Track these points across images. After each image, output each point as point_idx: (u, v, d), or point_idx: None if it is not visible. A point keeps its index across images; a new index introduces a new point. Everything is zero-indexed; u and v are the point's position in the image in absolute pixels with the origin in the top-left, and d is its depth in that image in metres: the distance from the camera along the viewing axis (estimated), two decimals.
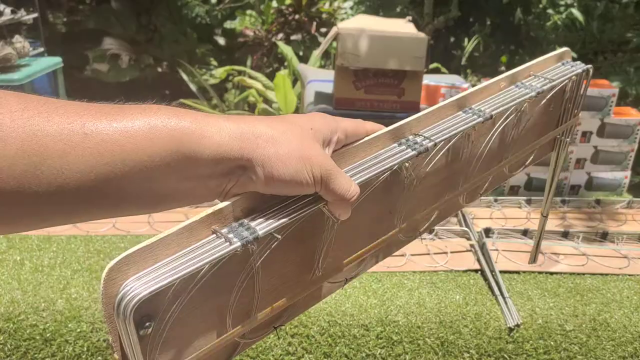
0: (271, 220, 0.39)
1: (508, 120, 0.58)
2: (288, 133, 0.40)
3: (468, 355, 1.06)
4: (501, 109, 0.56)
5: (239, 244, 0.37)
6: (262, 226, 0.39)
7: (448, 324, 1.07)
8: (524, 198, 1.59)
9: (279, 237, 0.40)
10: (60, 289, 1.10)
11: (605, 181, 1.75)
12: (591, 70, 0.65)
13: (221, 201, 0.40)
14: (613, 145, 1.73)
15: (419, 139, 0.50)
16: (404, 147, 0.49)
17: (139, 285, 0.34)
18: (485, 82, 0.58)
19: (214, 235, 0.38)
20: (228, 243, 0.37)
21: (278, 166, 0.38)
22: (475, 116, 0.53)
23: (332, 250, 0.47)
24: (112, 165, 0.34)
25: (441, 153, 0.52)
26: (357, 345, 1.06)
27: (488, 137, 0.57)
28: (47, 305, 1.06)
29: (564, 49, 0.66)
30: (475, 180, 0.59)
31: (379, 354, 1.06)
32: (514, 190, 1.72)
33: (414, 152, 0.48)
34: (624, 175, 1.76)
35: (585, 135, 1.73)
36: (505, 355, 1.06)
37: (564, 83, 0.62)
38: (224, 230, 0.38)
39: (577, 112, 0.67)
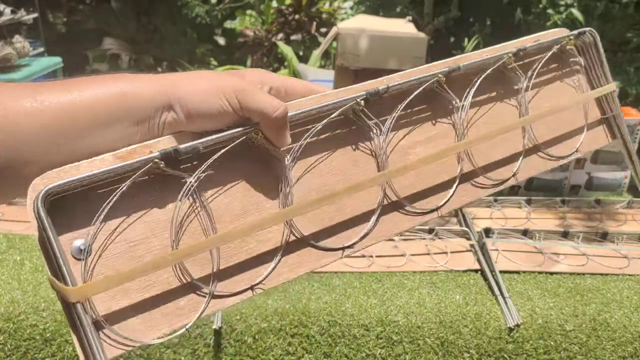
0: (198, 142, 0.42)
1: (486, 73, 0.55)
2: (205, 74, 0.43)
3: (468, 355, 1.06)
4: (473, 62, 0.54)
5: (157, 153, 0.40)
6: (186, 145, 0.41)
7: (448, 324, 1.07)
8: (524, 198, 1.59)
9: (201, 148, 0.41)
10: None
11: (605, 181, 1.75)
12: (595, 35, 0.62)
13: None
14: (613, 145, 1.73)
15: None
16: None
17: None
18: (465, 54, 0.57)
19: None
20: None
21: (194, 101, 0.41)
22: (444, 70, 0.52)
23: (302, 194, 0.46)
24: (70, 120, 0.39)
25: (404, 102, 0.51)
26: (357, 345, 1.06)
27: (471, 95, 0.55)
28: (47, 305, 1.06)
29: (560, 29, 0.63)
30: (494, 155, 0.56)
31: (379, 354, 1.06)
32: (514, 190, 1.72)
33: (363, 93, 0.47)
34: (624, 175, 1.76)
35: None
36: (505, 355, 1.06)
37: (560, 44, 0.60)
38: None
39: (606, 80, 0.64)
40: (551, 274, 1.24)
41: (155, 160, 0.39)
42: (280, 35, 4.24)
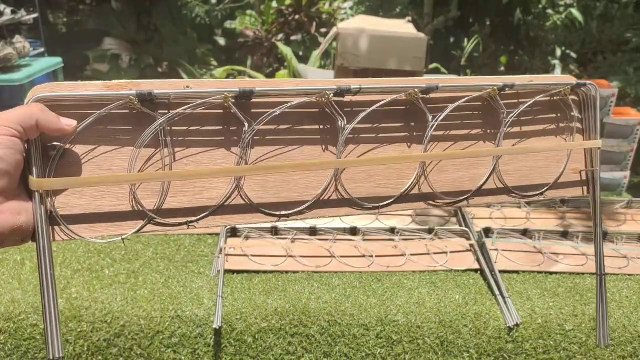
0: None
1: (463, 101, 0.60)
2: None
3: (468, 355, 1.06)
4: (448, 85, 0.59)
5: (134, 91, 0.48)
6: (160, 91, 0.49)
7: (448, 323, 1.07)
8: None
9: (172, 97, 0.49)
10: (60, 289, 1.11)
11: (605, 181, 1.76)
12: (596, 90, 0.64)
13: None
14: (613, 145, 1.73)
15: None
16: None
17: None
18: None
19: None
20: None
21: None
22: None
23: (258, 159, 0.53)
24: None
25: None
26: (357, 345, 1.06)
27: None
28: None
29: (568, 76, 0.66)
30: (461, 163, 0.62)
31: (379, 353, 1.06)
32: None
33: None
34: (623, 175, 1.76)
35: None
36: (505, 355, 1.06)
37: (550, 88, 0.63)
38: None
39: (595, 135, 0.66)
40: (551, 273, 1.25)
41: (131, 97, 0.47)
42: (280, 36, 4.24)
